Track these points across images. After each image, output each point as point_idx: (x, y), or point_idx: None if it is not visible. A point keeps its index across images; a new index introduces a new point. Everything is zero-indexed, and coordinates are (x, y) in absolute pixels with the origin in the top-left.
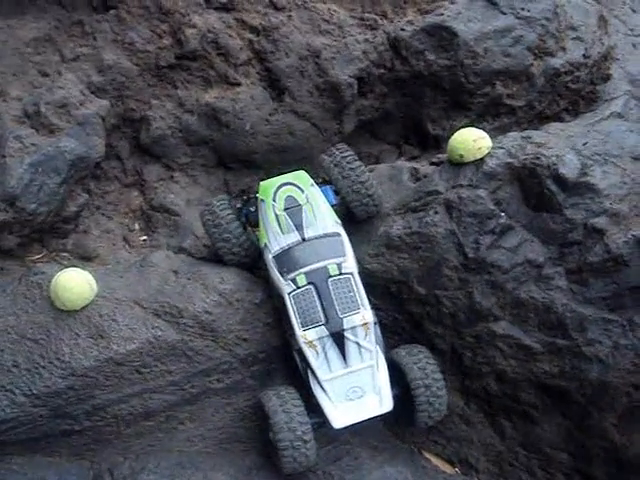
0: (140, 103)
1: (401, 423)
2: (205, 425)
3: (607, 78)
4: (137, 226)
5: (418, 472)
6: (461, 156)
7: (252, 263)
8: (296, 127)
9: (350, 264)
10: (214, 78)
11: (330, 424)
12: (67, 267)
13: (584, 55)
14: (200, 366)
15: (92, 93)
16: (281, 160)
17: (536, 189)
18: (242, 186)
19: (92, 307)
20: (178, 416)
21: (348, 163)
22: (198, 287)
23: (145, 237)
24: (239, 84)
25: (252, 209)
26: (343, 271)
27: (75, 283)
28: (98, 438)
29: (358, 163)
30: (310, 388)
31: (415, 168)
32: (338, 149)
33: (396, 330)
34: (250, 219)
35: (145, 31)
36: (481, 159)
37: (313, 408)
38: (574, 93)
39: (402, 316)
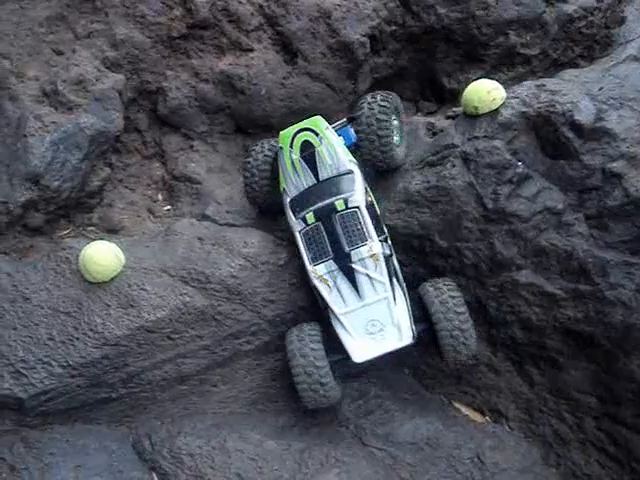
0: (155, 75)
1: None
2: (237, 387)
3: (622, 21)
4: (160, 196)
5: (449, 422)
6: (476, 108)
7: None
8: (311, 89)
9: (357, 198)
10: (227, 45)
11: (351, 358)
12: (94, 240)
13: None
14: (229, 329)
15: (107, 68)
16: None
17: (552, 137)
18: None
19: (121, 278)
20: (211, 379)
21: (380, 112)
22: (223, 252)
23: (169, 207)
24: (252, 50)
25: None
26: (349, 205)
27: (102, 255)
28: (135, 404)
29: (387, 124)
30: (331, 324)
31: (431, 123)
32: (382, 95)
33: (420, 284)
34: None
35: (156, 3)
36: (496, 110)
37: (336, 345)
38: (588, 38)
39: (425, 270)
